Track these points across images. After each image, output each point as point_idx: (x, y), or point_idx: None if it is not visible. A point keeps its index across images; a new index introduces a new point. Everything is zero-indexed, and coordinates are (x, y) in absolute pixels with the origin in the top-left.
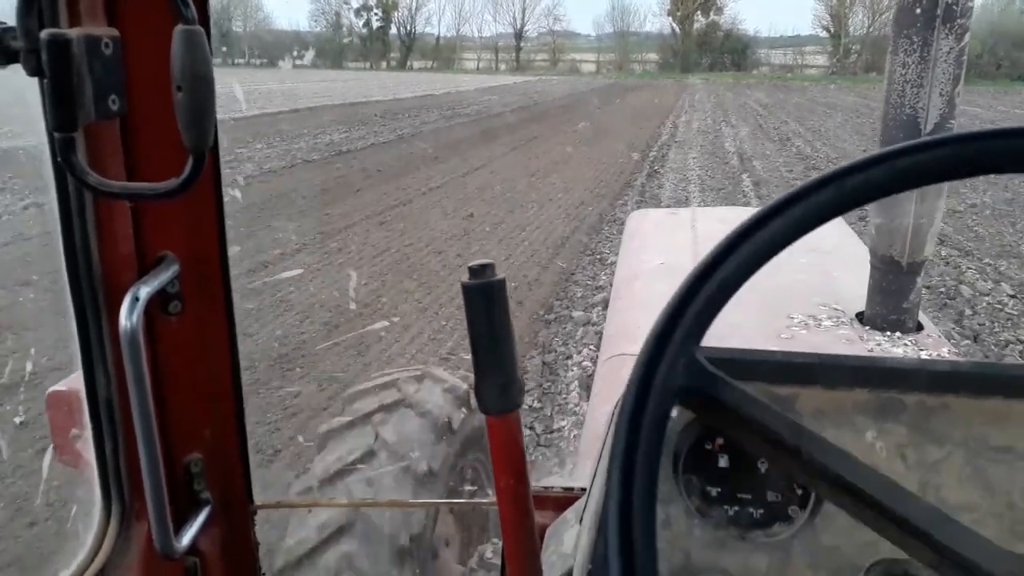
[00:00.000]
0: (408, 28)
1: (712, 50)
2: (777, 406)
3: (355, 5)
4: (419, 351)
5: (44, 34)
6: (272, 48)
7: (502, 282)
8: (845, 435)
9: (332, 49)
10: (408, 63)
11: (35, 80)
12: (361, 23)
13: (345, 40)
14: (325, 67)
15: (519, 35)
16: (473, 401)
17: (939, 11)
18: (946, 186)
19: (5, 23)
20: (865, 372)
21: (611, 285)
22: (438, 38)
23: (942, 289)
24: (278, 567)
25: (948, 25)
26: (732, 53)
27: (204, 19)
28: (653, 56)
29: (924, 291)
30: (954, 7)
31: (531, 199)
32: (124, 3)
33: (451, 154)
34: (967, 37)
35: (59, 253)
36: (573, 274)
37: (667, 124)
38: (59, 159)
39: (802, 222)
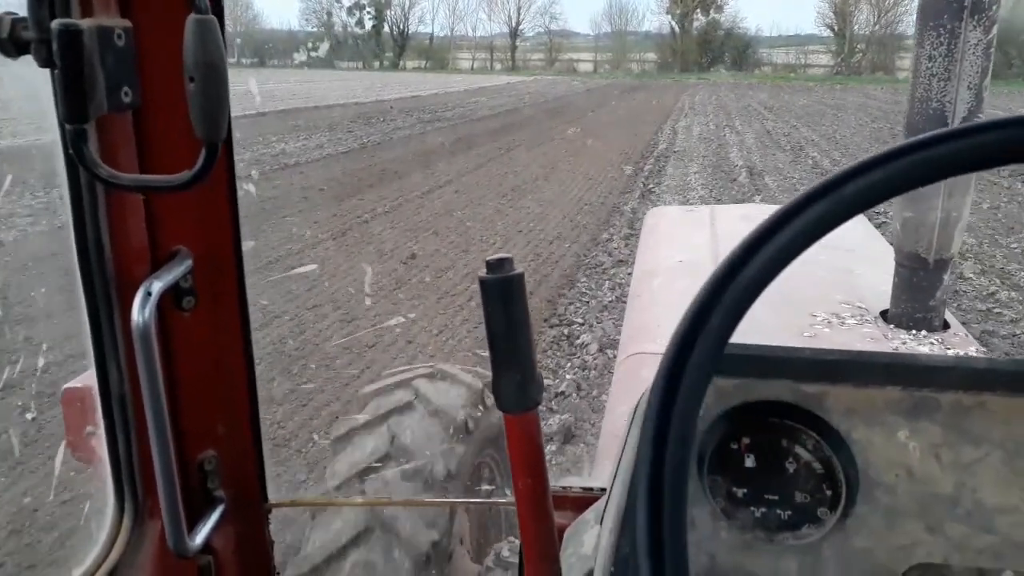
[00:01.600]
0: (401, 27)
1: (712, 49)
2: (806, 405)
3: (346, 3)
4: None
5: (55, 24)
6: (262, 47)
7: (520, 277)
8: (876, 434)
9: (318, 55)
10: (401, 63)
11: (46, 71)
12: (353, 22)
13: (337, 34)
14: (317, 67)
15: (514, 34)
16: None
17: (967, 3)
18: (973, 181)
19: (16, 14)
20: (897, 369)
21: (582, 369)
22: (431, 37)
23: None
24: (292, 563)
25: (976, 17)
26: (733, 52)
27: (217, 9)
28: (651, 56)
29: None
30: None
31: (495, 231)
32: None
33: (415, 167)
34: (995, 29)
35: (71, 247)
36: None
37: (665, 129)
38: (70, 151)
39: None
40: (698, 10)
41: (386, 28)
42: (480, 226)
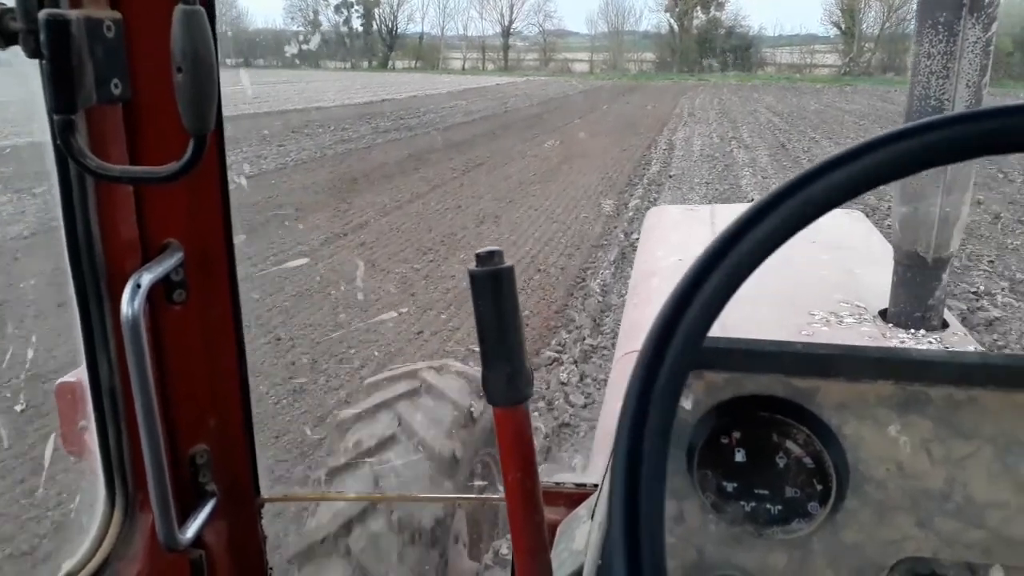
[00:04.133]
0: (389, 25)
1: (713, 49)
2: (798, 399)
3: (333, 1)
4: None
5: (43, 14)
6: (247, 48)
7: (510, 270)
8: (867, 429)
9: (309, 48)
10: (390, 63)
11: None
12: (341, 20)
13: (324, 32)
14: (303, 67)
15: (506, 32)
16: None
17: (965, 0)
18: (972, 179)
19: (3, 3)
20: (889, 364)
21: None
22: (421, 36)
23: None
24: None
25: (975, 14)
26: (735, 52)
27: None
28: (649, 55)
29: None
30: None
31: (375, 336)
32: None
33: (331, 199)
34: (994, 26)
35: (61, 240)
36: None
37: (660, 143)
38: (58, 142)
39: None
40: (698, 8)
41: (375, 27)
42: (356, 319)
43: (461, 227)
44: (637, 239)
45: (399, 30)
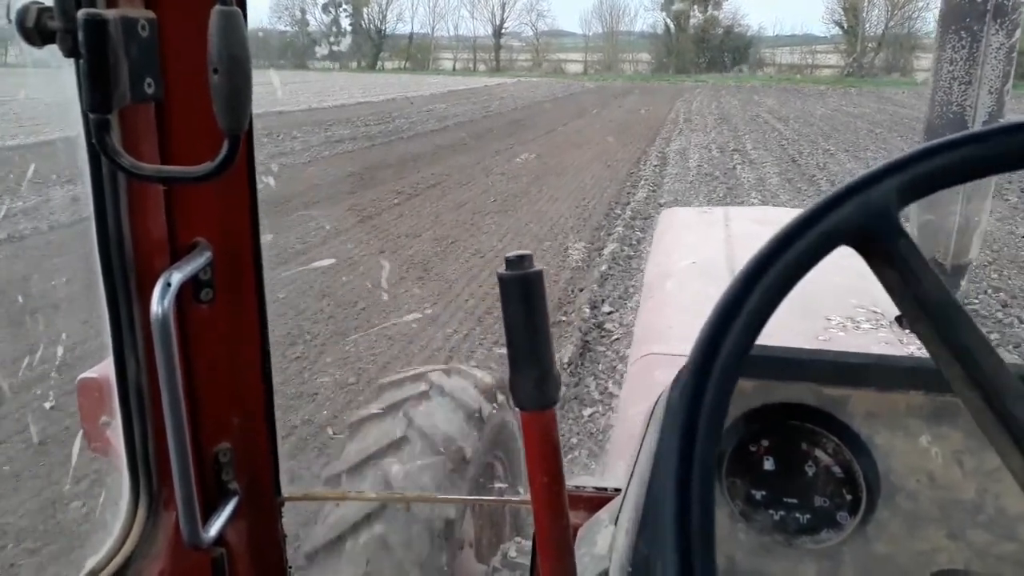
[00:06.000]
0: (378, 25)
1: (711, 49)
2: (828, 408)
3: (321, 1)
4: None
5: (81, 14)
6: None
7: (539, 274)
8: (898, 439)
9: (295, 49)
10: (380, 63)
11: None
12: (329, 20)
13: (312, 33)
14: (290, 68)
15: (498, 32)
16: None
17: (989, 7)
18: (992, 186)
19: (42, 3)
20: (920, 374)
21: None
22: (411, 36)
23: None
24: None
25: (999, 21)
26: (733, 52)
27: (241, 1)
28: (645, 56)
29: None
30: (1005, 2)
31: None
32: None
33: None
34: (1019, 32)
35: (92, 238)
36: None
37: (651, 156)
38: (93, 140)
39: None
40: (695, 7)
41: (364, 26)
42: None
43: (369, 289)
44: (609, 314)
45: (388, 30)
